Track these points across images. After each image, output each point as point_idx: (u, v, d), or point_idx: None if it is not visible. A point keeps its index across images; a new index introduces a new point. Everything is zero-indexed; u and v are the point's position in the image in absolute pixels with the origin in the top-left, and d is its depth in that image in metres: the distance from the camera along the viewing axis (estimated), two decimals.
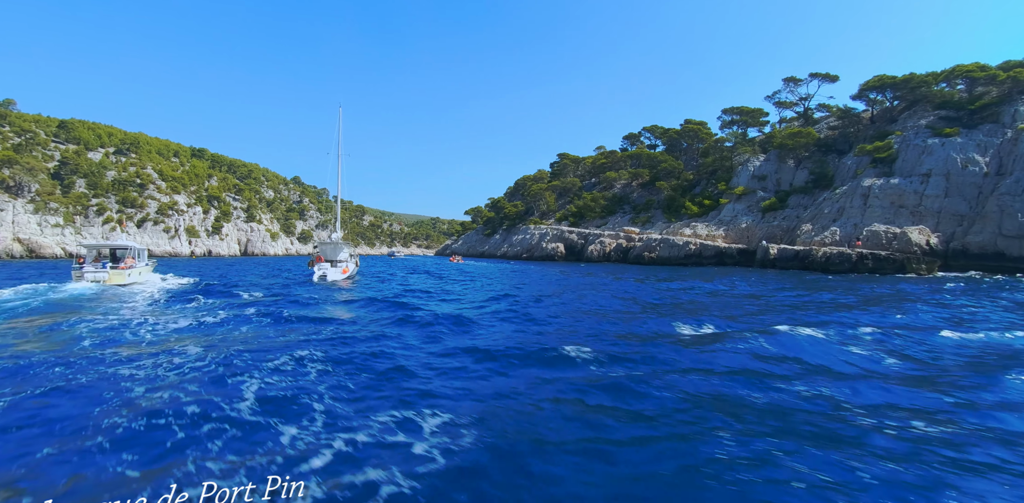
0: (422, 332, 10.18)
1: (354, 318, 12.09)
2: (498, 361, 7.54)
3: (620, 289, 20.31)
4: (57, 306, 13.57)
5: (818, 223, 44.51)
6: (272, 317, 11.58)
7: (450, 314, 12.29)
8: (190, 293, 17.32)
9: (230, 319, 11.35)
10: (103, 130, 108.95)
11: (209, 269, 39.62)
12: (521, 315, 12.73)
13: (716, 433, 4.73)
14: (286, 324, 10.90)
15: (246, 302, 15.09)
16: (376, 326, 10.85)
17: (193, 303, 14.60)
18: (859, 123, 55.39)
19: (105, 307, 13.63)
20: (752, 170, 56.88)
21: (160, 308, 13.59)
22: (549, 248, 68.65)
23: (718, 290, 20.08)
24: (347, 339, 9.12)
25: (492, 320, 11.95)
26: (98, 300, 15.22)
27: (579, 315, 12.93)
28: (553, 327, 10.93)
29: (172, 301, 15.18)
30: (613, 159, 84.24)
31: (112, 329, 9.93)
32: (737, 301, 16.11)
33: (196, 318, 11.37)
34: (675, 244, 51.02)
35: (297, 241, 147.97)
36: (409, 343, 8.97)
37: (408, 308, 13.81)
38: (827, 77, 62.35)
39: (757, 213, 52.94)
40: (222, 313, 12.33)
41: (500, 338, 9.48)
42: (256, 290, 18.91)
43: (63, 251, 77.21)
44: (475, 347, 8.44)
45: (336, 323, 11.19)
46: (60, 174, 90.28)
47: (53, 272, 30.55)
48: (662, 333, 10.01)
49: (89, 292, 17.35)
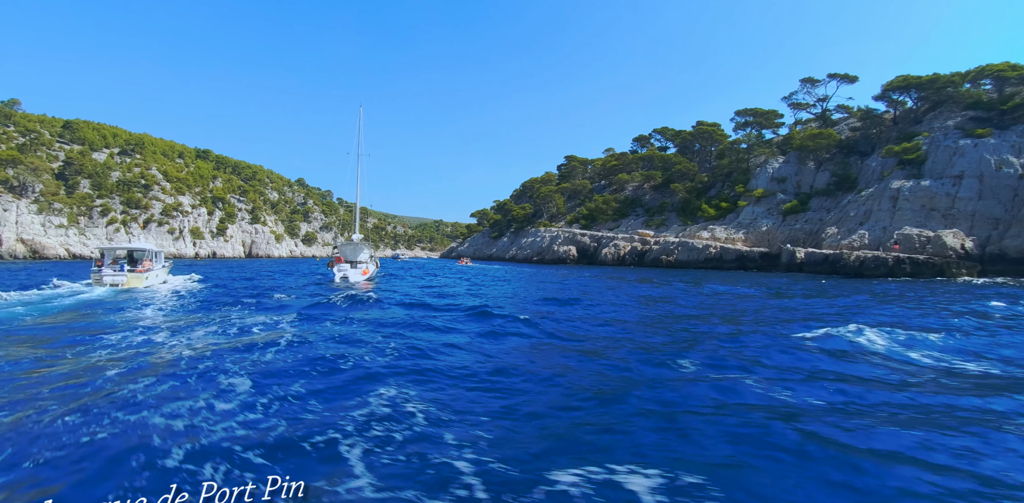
0: (525, 340, 8.92)
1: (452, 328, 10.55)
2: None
3: (675, 295, 18.96)
4: (95, 320, 12.26)
5: (844, 226, 43.20)
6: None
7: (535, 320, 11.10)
8: (225, 299, 16.24)
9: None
10: (108, 131, 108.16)
11: (221, 272, 38.39)
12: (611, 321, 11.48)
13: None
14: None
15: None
16: (475, 338, 9.47)
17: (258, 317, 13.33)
18: (881, 124, 54.14)
19: (131, 310, 12.45)
20: (771, 172, 55.62)
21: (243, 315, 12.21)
22: (561, 251, 67.38)
23: (768, 294, 18.79)
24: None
25: (590, 325, 10.73)
26: (121, 307, 13.99)
27: (667, 320, 11.72)
28: (651, 334, 9.70)
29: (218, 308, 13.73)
30: (624, 161, 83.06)
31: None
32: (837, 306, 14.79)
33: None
34: (694, 247, 49.72)
35: (302, 243, 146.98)
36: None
37: (490, 316, 12.44)
38: (846, 78, 61.19)
39: (777, 216, 51.65)
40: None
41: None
42: (286, 292, 17.72)
43: (67, 252, 76.18)
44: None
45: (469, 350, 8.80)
46: (64, 174, 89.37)
47: (62, 273, 29.38)
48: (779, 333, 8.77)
49: (110, 295, 16.44)
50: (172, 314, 12.44)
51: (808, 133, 55.07)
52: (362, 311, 13.08)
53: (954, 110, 47.87)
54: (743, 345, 8.67)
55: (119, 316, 11.92)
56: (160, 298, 16.07)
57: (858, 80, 60.34)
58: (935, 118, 48.77)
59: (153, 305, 14.28)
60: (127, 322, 10.88)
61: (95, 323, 10.80)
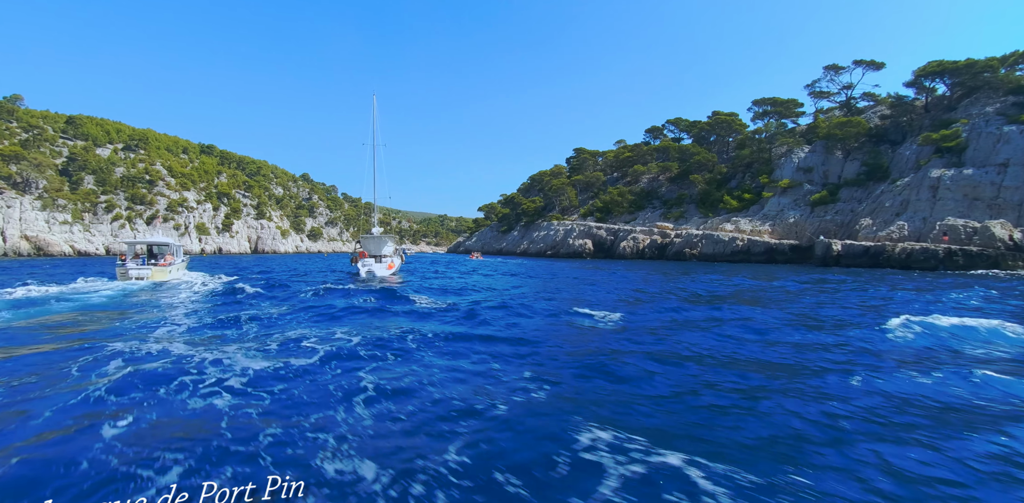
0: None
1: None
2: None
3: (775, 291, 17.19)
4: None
5: (879, 217, 41.48)
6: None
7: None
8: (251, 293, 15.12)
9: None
10: (111, 126, 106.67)
11: (229, 266, 36.87)
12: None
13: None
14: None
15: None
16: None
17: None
18: (912, 112, 52.18)
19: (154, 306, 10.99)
20: (796, 162, 53.77)
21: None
22: (576, 245, 65.79)
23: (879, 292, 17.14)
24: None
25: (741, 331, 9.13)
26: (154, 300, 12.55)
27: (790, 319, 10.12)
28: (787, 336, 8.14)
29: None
30: (639, 152, 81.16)
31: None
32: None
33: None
34: (720, 240, 48.06)
35: (307, 238, 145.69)
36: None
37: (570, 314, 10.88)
38: (872, 64, 59.13)
39: (805, 207, 49.90)
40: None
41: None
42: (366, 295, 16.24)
43: (72, 249, 74.92)
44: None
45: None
46: (68, 170, 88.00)
47: (72, 271, 27.93)
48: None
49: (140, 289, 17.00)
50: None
51: (835, 122, 53.14)
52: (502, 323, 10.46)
53: (992, 96, 45.91)
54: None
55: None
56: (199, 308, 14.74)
57: (885, 67, 58.28)
58: (971, 104, 46.82)
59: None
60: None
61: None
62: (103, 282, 19.24)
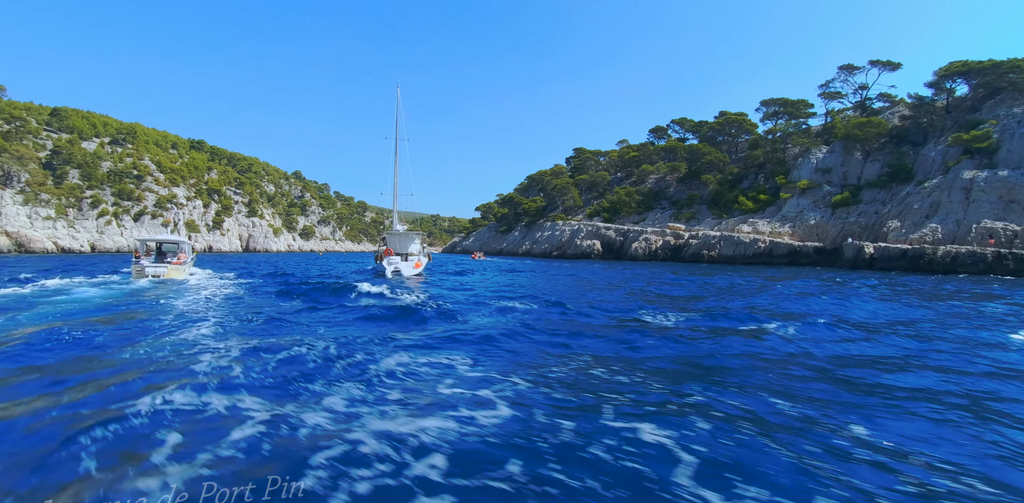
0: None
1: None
2: None
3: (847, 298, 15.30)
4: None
5: (908, 220, 40.15)
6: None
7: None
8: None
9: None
10: (98, 119, 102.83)
11: (234, 264, 34.35)
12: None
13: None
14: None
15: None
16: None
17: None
18: (932, 113, 51.12)
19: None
20: (815, 162, 52.46)
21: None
22: (584, 245, 63.97)
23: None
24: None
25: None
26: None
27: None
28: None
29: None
30: (645, 152, 79.62)
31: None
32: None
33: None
34: (740, 242, 46.49)
35: (299, 237, 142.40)
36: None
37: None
38: (888, 65, 58.14)
39: (825, 208, 48.55)
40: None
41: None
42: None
43: (55, 246, 71.54)
44: None
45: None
46: (52, 164, 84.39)
47: (91, 268, 25.37)
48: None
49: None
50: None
51: (854, 122, 51.91)
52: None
53: (1018, 97, 44.90)
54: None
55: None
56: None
57: (901, 67, 57.29)
58: (996, 105, 45.77)
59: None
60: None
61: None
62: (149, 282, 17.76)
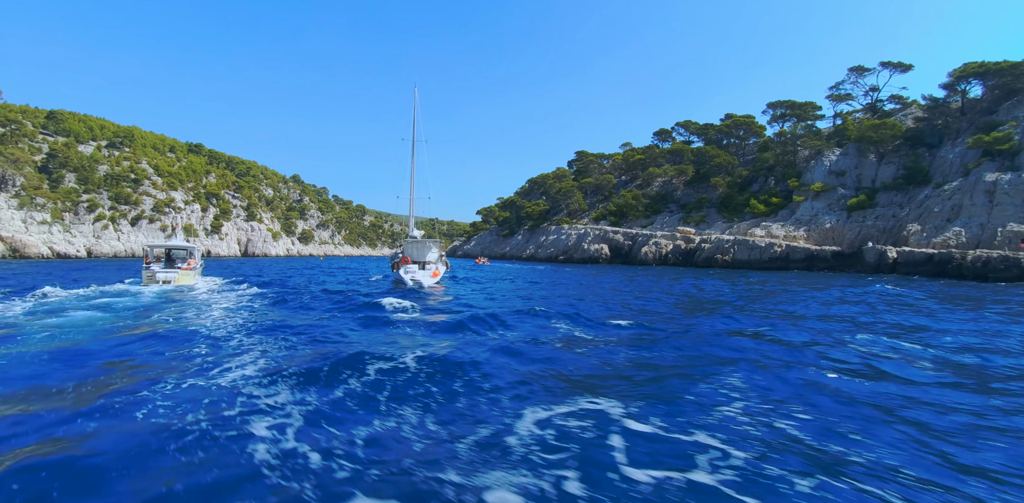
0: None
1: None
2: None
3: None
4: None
5: (929, 223, 39.24)
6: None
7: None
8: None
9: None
10: (95, 122, 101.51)
11: (239, 271, 33.08)
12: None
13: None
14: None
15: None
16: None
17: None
18: (947, 115, 50.38)
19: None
20: (828, 165, 51.61)
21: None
22: (592, 250, 62.93)
23: None
24: None
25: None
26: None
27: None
28: None
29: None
30: (650, 155, 78.76)
31: None
32: None
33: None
34: (755, 246, 45.51)
35: (298, 241, 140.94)
36: None
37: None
38: (899, 66, 57.50)
39: (840, 212, 47.66)
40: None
41: None
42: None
43: (51, 251, 70.07)
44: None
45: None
46: (48, 167, 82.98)
47: (69, 278, 24.10)
48: None
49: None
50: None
51: (867, 124, 51.13)
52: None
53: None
54: None
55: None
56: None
57: (913, 68, 56.66)
58: (1014, 107, 45.00)
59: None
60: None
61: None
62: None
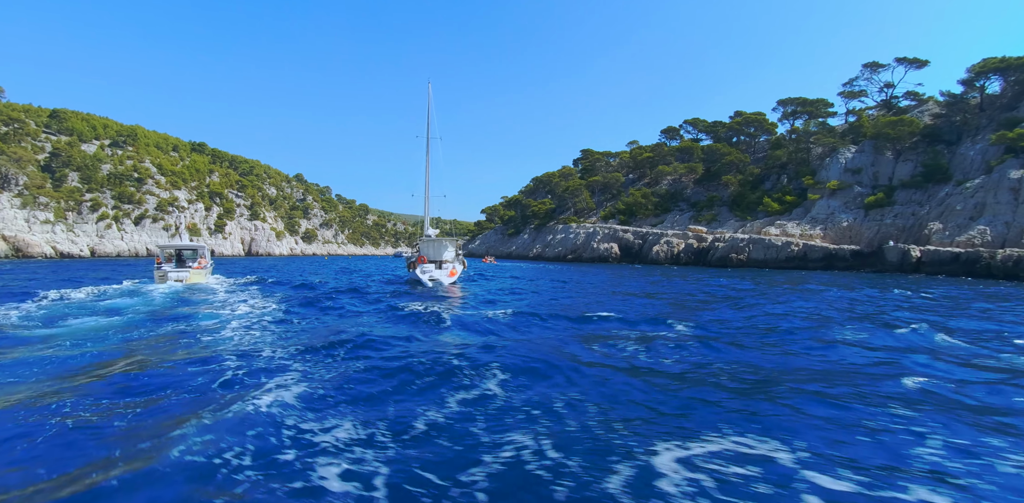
0: None
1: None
2: None
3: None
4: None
5: (951, 221, 38.36)
6: None
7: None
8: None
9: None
10: (98, 121, 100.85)
11: (247, 270, 32.31)
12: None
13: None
14: None
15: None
16: None
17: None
18: (965, 111, 49.44)
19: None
20: (844, 162, 50.71)
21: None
22: (601, 249, 62.10)
23: None
24: None
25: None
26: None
27: None
28: None
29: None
30: (659, 153, 77.85)
31: None
32: None
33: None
34: (771, 245, 44.65)
35: (302, 240, 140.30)
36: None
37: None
38: (915, 62, 56.54)
39: (857, 210, 46.78)
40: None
41: None
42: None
43: (54, 250, 69.47)
44: None
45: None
46: (51, 166, 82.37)
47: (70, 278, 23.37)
48: None
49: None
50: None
51: (884, 120, 50.19)
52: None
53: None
54: None
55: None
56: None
57: (929, 64, 55.69)
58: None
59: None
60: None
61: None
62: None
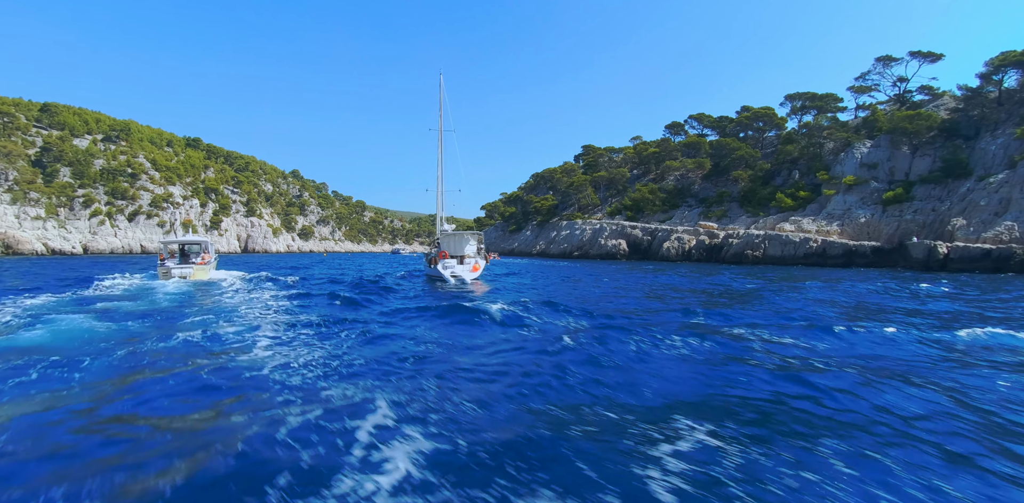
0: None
1: None
2: None
3: None
4: None
5: (975, 217, 37.44)
6: None
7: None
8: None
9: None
10: (90, 116, 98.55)
11: (253, 267, 30.81)
12: None
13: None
14: None
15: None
16: None
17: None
18: (983, 105, 48.55)
19: None
20: (859, 157, 49.74)
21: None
22: (609, 245, 60.96)
23: None
24: None
25: None
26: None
27: None
28: None
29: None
30: (665, 148, 76.70)
31: None
32: None
33: None
34: (789, 241, 43.62)
35: (298, 237, 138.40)
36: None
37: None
38: (929, 56, 55.63)
39: (874, 206, 45.83)
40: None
41: None
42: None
43: (45, 247, 67.54)
44: None
45: None
46: (42, 161, 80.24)
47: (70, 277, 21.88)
48: None
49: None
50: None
51: (900, 115, 49.23)
52: None
53: None
54: None
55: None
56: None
57: (943, 58, 54.79)
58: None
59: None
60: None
61: None
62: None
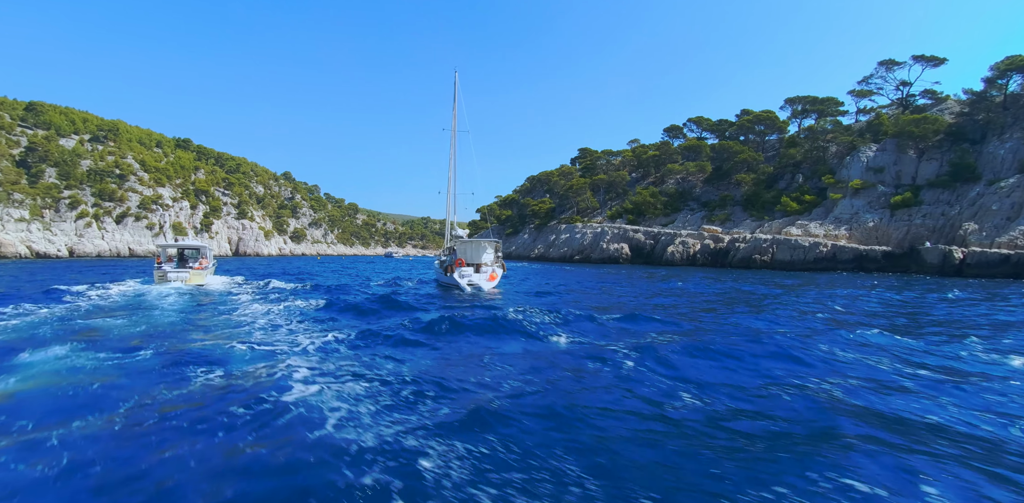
0: None
1: None
2: None
3: None
4: None
5: (987, 222, 37.01)
6: None
7: None
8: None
9: None
10: (77, 115, 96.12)
11: (255, 272, 29.33)
12: None
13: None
14: None
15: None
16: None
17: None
18: (989, 109, 48.42)
19: None
20: (865, 161, 49.36)
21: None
22: (611, 249, 60.09)
23: None
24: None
25: None
26: None
27: None
28: None
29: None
30: (665, 151, 76.18)
31: None
32: None
33: None
34: (798, 246, 42.97)
35: (290, 240, 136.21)
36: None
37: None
38: (931, 60, 55.55)
39: (882, 210, 45.40)
40: None
41: None
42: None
43: (29, 250, 65.30)
44: None
45: None
46: (27, 162, 77.88)
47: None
48: None
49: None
50: None
51: (906, 119, 48.97)
52: None
53: None
54: None
55: None
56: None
57: (946, 62, 54.71)
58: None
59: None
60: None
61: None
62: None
